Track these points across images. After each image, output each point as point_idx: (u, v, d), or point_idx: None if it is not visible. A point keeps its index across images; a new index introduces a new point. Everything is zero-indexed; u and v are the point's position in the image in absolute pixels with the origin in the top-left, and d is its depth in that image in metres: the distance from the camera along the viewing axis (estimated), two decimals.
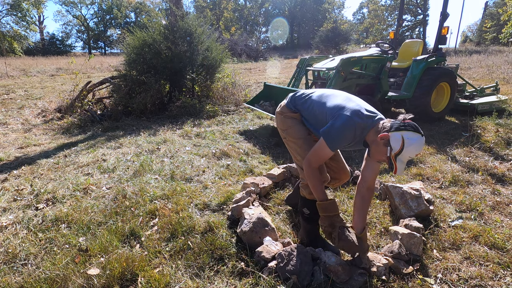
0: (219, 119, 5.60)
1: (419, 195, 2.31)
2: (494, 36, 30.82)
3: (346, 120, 1.59)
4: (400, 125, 1.50)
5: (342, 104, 1.69)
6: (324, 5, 44.47)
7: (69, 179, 3.00)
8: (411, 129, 1.49)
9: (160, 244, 2.03)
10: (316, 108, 1.80)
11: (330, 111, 1.69)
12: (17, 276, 1.78)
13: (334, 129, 1.61)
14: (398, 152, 1.48)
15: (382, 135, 1.52)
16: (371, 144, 1.63)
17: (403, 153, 1.48)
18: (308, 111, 1.86)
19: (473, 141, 3.97)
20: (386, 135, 1.51)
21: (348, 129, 1.59)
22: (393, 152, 1.50)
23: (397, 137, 1.48)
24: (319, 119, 1.77)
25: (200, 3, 44.50)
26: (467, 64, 12.96)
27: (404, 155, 1.48)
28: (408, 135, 1.47)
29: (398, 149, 1.48)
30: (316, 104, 1.82)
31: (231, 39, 24.96)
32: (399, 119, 1.56)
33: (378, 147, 1.57)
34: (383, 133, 1.52)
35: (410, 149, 1.47)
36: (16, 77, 12.75)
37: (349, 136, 1.61)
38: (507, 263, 1.83)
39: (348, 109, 1.63)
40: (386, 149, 1.53)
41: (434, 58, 4.93)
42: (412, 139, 1.46)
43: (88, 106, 5.90)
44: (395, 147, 1.49)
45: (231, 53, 8.46)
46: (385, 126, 1.55)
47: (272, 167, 3.28)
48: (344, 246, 1.74)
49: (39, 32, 37.61)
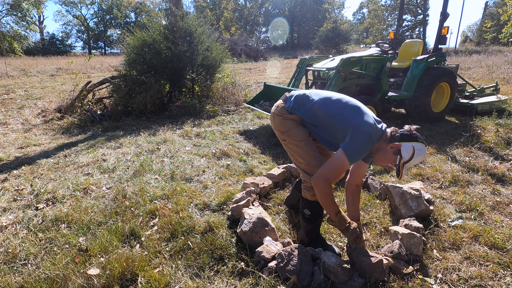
0: (219, 119, 5.61)
1: (419, 195, 2.31)
2: (494, 36, 30.83)
3: (367, 135, 1.60)
4: (411, 136, 1.61)
5: (357, 116, 1.66)
6: (324, 5, 44.47)
7: (69, 179, 3.00)
8: (420, 140, 1.61)
9: (160, 244, 2.03)
10: (323, 114, 1.75)
11: (345, 123, 1.66)
12: (17, 276, 1.78)
13: (356, 144, 1.60)
14: (407, 161, 1.59)
15: (393, 145, 1.61)
16: (376, 152, 1.68)
17: (411, 161, 1.59)
18: (309, 114, 1.81)
19: (473, 141, 3.98)
20: (398, 144, 1.60)
21: (368, 143, 1.62)
22: (402, 161, 1.59)
23: (409, 147, 1.58)
24: (326, 125, 1.75)
25: (200, 3, 44.53)
26: (467, 64, 12.96)
27: (412, 163, 1.60)
28: (418, 146, 1.58)
29: (407, 158, 1.58)
30: (322, 110, 1.76)
31: (231, 39, 24.97)
32: (406, 129, 1.65)
33: (386, 155, 1.64)
34: (394, 143, 1.60)
35: (418, 158, 1.59)
36: (16, 77, 12.76)
37: (368, 149, 1.66)
38: (507, 263, 1.83)
39: (366, 123, 1.62)
40: (395, 157, 1.62)
41: (434, 58, 4.93)
42: (421, 149, 1.59)
43: (88, 106, 5.90)
44: (405, 156, 1.58)
45: (231, 53, 8.46)
46: (393, 135, 1.63)
47: (272, 167, 3.28)
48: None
49: (39, 32, 37.62)
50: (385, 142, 1.64)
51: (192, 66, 6.49)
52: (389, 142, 1.62)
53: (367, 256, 1.73)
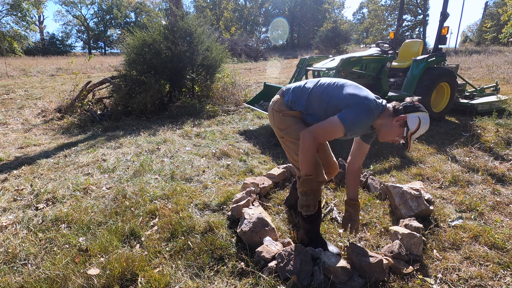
0: (219, 119, 5.61)
1: (419, 195, 2.31)
2: (494, 36, 30.84)
3: (366, 107, 1.63)
4: (414, 106, 1.65)
5: (356, 93, 1.69)
6: (324, 5, 44.47)
7: (69, 179, 3.00)
8: (424, 110, 1.65)
9: (160, 244, 2.03)
10: (321, 99, 1.75)
11: (344, 101, 1.67)
12: (17, 276, 1.78)
13: (354, 113, 1.62)
14: (414, 131, 1.63)
15: (399, 118, 1.64)
16: (380, 127, 1.71)
17: (418, 131, 1.64)
18: (308, 103, 1.79)
19: (473, 141, 3.98)
20: (403, 117, 1.63)
21: (368, 115, 1.64)
22: (409, 132, 1.63)
23: (414, 118, 1.62)
24: (326, 111, 1.73)
25: (200, 3, 44.52)
26: (467, 64, 12.96)
27: (418, 133, 1.65)
28: (422, 116, 1.63)
29: (414, 129, 1.62)
30: (320, 94, 1.76)
31: (231, 39, 24.97)
32: (408, 101, 1.68)
33: (392, 129, 1.67)
34: (399, 116, 1.64)
35: (424, 128, 1.64)
36: (16, 77, 12.75)
37: (368, 123, 1.68)
38: (507, 263, 1.83)
39: (366, 97, 1.66)
40: (402, 129, 1.65)
41: (434, 58, 4.93)
42: (426, 119, 1.63)
43: (88, 106, 5.90)
44: (411, 127, 1.62)
45: (231, 53, 8.46)
46: (397, 108, 1.67)
47: (272, 167, 3.28)
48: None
49: (39, 32, 37.62)
50: (390, 116, 1.67)
51: (192, 66, 6.49)
52: (394, 115, 1.66)
53: (367, 256, 1.73)
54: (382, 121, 1.69)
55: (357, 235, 2.10)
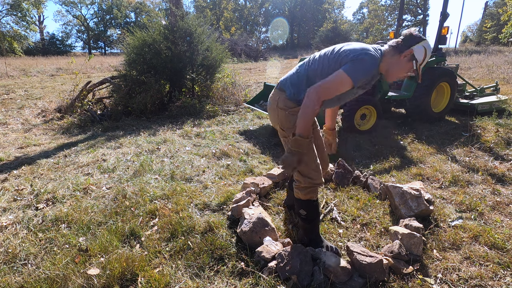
0: (219, 119, 5.61)
1: (419, 195, 2.31)
2: (494, 36, 30.83)
3: (370, 55, 1.61)
4: (415, 38, 1.65)
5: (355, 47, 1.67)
6: (324, 5, 44.49)
7: (69, 179, 3.00)
8: (423, 37, 1.67)
9: (160, 244, 2.03)
10: (320, 70, 1.72)
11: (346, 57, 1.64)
12: (17, 276, 1.78)
13: (359, 63, 1.59)
14: (422, 61, 1.66)
15: (405, 53, 1.65)
16: (388, 68, 1.70)
17: (425, 60, 1.67)
18: (312, 81, 1.72)
19: (473, 141, 3.97)
20: (410, 50, 1.64)
21: (373, 62, 1.63)
22: (418, 64, 1.66)
23: (420, 48, 1.64)
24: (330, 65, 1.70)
25: (200, 3, 44.54)
26: (467, 64, 12.96)
27: (425, 61, 1.68)
28: (425, 44, 1.65)
29: (422, 59, 1.65)
30: (318, 68, 1.73)
31: (231, 39, 24.97)
32: (406, 34, 1.68)
33: (400, 65, 1.68)
34: (405, 51, 1.65)
35: (429, 54, 1.67)
36: (16, 77, 12.75)
37: (372, 71, 1.66)
38: (507, 263, 1.83)
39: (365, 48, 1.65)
40: (411, 63, 1.67)
41: (434, 58, 4.93)
42: (428, 45, 1.66)
43: (88, 106, 5.90)
44: (419, 58, 1.65)
45: (231, 53, 8.45)
46: (400, 45, 1.67)
47: (272, 167, 3.28)
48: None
49: (39, 32, 37.60)
50: (394, 55, 1.67)
51: (192, 66, 6.49)
52: (400, 52, 1.66)
53: (367, 256, 1.73)
54: (388, 62, 1.69)
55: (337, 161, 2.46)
